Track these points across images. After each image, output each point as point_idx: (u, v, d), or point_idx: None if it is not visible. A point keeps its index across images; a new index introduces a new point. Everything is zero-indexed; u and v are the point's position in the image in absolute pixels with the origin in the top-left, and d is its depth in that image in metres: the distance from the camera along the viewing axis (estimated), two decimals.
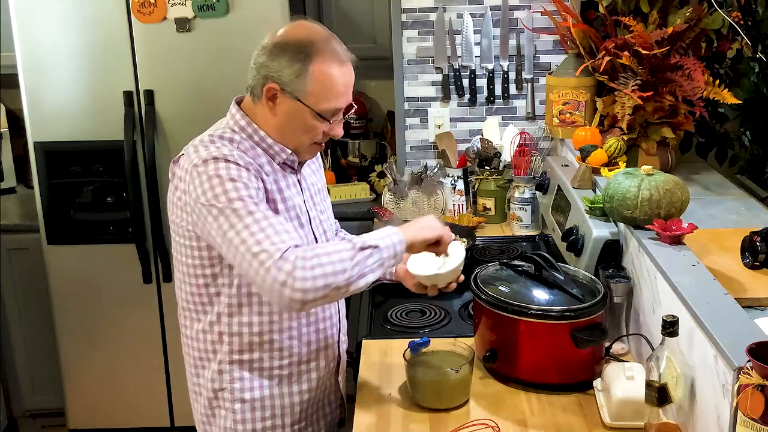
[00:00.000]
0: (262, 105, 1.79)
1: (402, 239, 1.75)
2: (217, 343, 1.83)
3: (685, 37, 2.55)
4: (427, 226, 1.83)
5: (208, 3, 3.03)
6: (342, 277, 1.64)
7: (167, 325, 3.35)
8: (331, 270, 1.63)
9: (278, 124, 1.79)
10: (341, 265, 1.65)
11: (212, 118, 1.93)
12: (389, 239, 1.73)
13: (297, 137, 1.81)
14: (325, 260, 1.63)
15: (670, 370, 1.61)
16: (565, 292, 1.94)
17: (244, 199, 1.67)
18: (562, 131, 2.84)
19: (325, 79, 1.74)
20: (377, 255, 1.70)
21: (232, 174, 1.69)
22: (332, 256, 1.65)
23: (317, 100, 1.75)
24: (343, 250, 1.67)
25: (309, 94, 1.74)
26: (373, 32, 3.55)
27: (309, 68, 1.72)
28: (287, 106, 1.76)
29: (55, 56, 3.10)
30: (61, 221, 3.24)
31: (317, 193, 1.96)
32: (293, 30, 1.77)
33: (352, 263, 1.66)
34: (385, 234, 1.75)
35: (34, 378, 3.56)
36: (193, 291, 1.82)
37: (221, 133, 1.80)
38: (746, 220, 2.23)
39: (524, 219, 2.93)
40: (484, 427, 1.79)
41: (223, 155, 1.71)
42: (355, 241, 1.70)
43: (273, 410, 1.87)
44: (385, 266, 1.73)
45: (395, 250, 1.73)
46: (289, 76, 1.73)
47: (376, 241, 1.71)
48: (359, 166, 3.68)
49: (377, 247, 1.70)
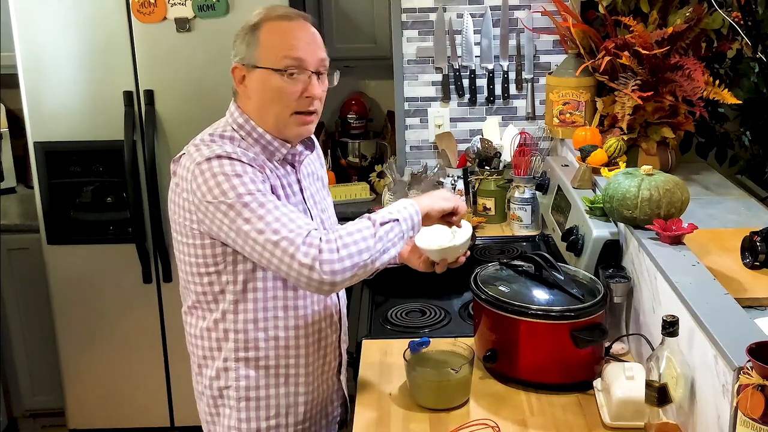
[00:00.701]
0: (240, 95, 1.83)
1: (418, 210, 1.77)
2: (223, 340, 1.84)
3: (685, 37, 2.55)
4: (442, 197, 1.86)
5: (208, 3, 3.04)
6: (367, 254, 1.67)
7: (167, 325, 3.35)
8: (356, 249, 1.65)
9: (255, 105, 1.81)
10: (364, 243, 1.66)
11: (212, 118, 1.93)
12: (406, 211, 1.75)
13: (275, 110, 1.80)
14: (348, 240, 1.65)
15: (670, 370, 1.61)
16: (565, 292, 1.94)
17: (253, 192, 1.68)
18: (562, 131, 2.84)
19: (272, 37, 1.77)
20: (397, 228, 1.72)
21: (237, 170, 1.70)
22: (354, 236, 1.66)
23: (271, 58, 1.77)
24: (364, 228, 1.68)
25: (262, 57, 1.77)
26: (373, 32, 3.55)
27: (257, 34, 1.77)
28: (254, 80, 1.79)
29: (55, 56, 3.10)
30: (61, 221, 3.25)
31: (317, 192, 1.97)
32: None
33: (375, 239, 1.68)
34: (402, 206, 1.76)
35: (34, 378, 3.56)
36: (197, 290, 1.82)
37: (221, 131, 1.81)
38: (746, 220, 2.23)
39: (524, 219, 2.93)
40: (484, 427, 1.79)
41: (226, 152, 1.72)
42: (374, 218, 1.71)
43: (278, 409, 1.87)
44: (405, 238, 1.75)
45: (413, 222, 1.75)
46: (244, 51, 1.78)
47: (395, 215, 1.73)
48: (359, 166, 3.68)
49: (396, 221, 1.72)
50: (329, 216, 2.00)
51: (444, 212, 1.85)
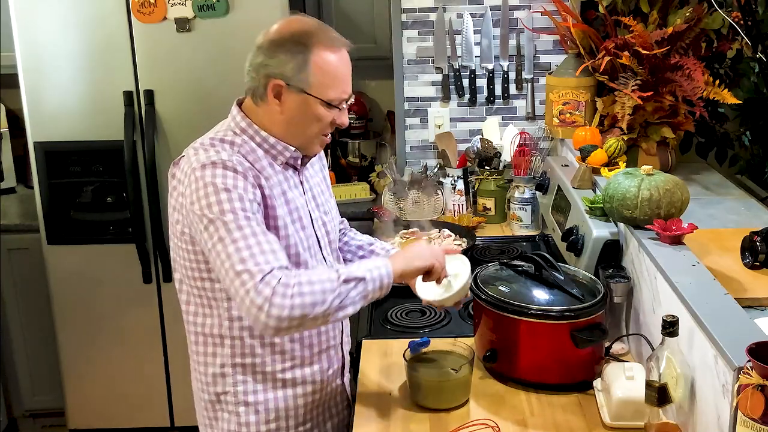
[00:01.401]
0: (266, 105, 1.78)
1: (390, 272, 1.73)
2: (219, 346, 1.83)
3: (685, 37, 2.55)
4: (418, 255, 1.81)
5: (208, 3, 3.03)
6: (320, 308, 1.64)
7: (167, 325, 3.35)
8: (310, 301, 1.62)
9: (286, 120, 1.78)
10: (321, 296, 1.64)
11: (212, 118, 1.93)
12: (377, 271, 1.72)
13: (306, 130, 1.80)
14: (306, 289, 1.62)
15: (670, 370, 1.61)
16: (565, 292, 1.94)
17: (236, 211, 1.66)
18: (562, 131, 2.84)
19: (327, 67, 1.74)
20: (361, 287, 1.69)
21: (227, 183, 1.68)
22: (314, 286, 1.64)
23: (324, 89, 1.75)
24: (327, 280, 1.65)
25: (315, 85, 1.74)
26: (373, 32, 3.55)
27: (310, 58, 1.72)
28: (294, 100, 1.75)
29: (55, 56, 3.10)
30: (61, 221, 3.24)
31: (320, 193, 1.95)
32: (287, 25, 1.77)
33: (333, 295, 1.65)
34: (374, 265, 1.73)
35: (34, 378, 3.56)
36: (193, 293, 1.81)
37: (222, 135, 1.79)
38: (746, 220, 2.23)
39: (524, 219, 2.93)
40: (484, 427, 1.79)
41: (222, 160, 1.70)
42: (342, 272, 1.68)
43: (277, 413, 1.86)
44: (369, 298, 1.72)
45: (382, 283, 1.72)
46: (291, 70, 1.73)
47: (363, 273, 1.70)
48: (359, 166, 3.68)
49: (363, 280, 1.69)
50: (332, 218, 1.99)
51: (419, 272, 1.81)
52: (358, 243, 2.14)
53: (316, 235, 1.88)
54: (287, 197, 1.81)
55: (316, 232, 1.88)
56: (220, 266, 1.65)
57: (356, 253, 2.12)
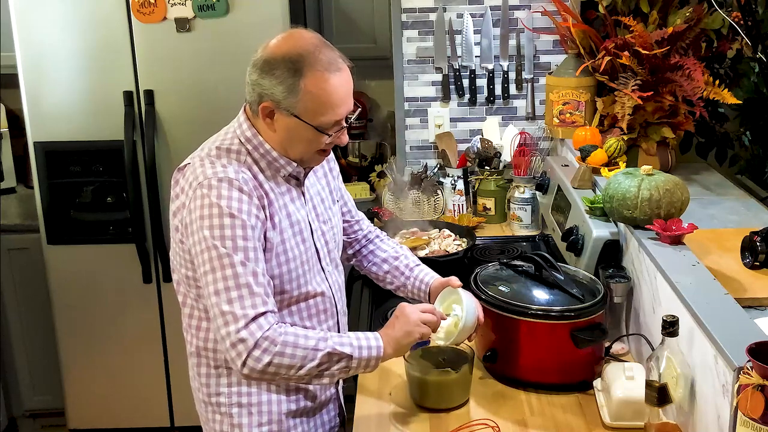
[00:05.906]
0: (260, 121, 1.75)
1: (380, 355, 1.74)
2: (212, 350, 1.83)
3: (685, 37, 2.55)
4: (405, 334, 1.77)
5: (208, 3, 3.03)
6: (296, 373, 1.67)
7: (167, 325, 3.35)
8: (288, 363, 1.65)
9: (279, 139, 1.76)
10: (302, 361, 1.66)
11: (212, 118, 1.93)
12: (366, 352, 1.72)
13: (300, 150, 1.78)
14: (288, 351, 1.65)
15: (670, 370, 1.61)
16: (565, 292, 1.94)
17: (236, 240, 1.65)
18: (562, 131, 2.84)
19: (319, 93, 1.68)
20: (344, 364, 1.71)
21: (232, 207, 1.66)
22: (297, 350, 1.66)
23: (314, 115, 1.71)
24: (311, 349, 1.67)
25: (305, 110, 1.70)
26: (373, 32, 3.55)
27: (300, 84, 1.67)
28: (285, 122, 1.72)
29: (55, 56, 3.10)
30: (61, 221, 3.24)
31: (320, 203, 1.92)
32: (282, 44, 1.71)
33: (313, 364, 1.67)
34: (366, 344, 1.73)
35: (34, 378, 3.56)
36: (190, 295, 1.81)
37: (228, 145, 1.77)
38: (746, 220, 2.23)
39: (524, 219, 2.93)
40: (484, 427, 1.79)
41: (228, 178, 1.68)
42: (329, 343, 1.69)
43: (270, 415, 1.85)
44: (350, 374, 1.74)
45: (368, 364, 1.74)
46: (282, 93, 1.68)
47: (351, 351, 1.71)
48: (359, 166, 3.68)
49: (350, 357, 1.70)
50: (332, 227, 1.94)
51: (411, 345, 1.81)
52: (383, 256, 2.11)
53: (315, 246, 1.86)
54: (288, 210, 1.80)
55: (316, 243, 1.87)
56: (208, 296, 1.67)
57: (381, 266, 2.11)
